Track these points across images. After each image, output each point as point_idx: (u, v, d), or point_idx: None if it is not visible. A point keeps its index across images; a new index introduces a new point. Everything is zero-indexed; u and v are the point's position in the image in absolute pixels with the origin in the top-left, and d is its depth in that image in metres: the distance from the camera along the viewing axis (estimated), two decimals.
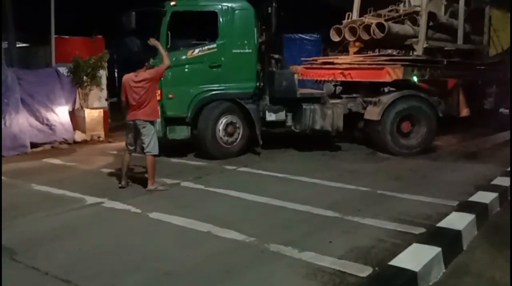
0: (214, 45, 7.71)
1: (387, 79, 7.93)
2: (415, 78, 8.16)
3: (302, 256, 3.76)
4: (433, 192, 5.60)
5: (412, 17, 8.52)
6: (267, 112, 7.98)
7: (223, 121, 7.75)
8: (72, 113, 10.01)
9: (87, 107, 10.10)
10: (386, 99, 8.01)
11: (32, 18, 10.60)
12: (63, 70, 9.99)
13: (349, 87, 8.71)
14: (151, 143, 5.87)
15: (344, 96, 8.54)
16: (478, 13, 9.14)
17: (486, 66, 9.77)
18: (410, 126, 8.12)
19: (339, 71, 8.43)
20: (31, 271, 3.59)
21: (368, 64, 8.23)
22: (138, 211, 5.05)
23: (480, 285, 3.40)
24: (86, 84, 10.04)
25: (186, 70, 7.72)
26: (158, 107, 6.40)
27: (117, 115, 12.31)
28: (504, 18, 9.78)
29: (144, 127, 5.87)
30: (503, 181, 5.74)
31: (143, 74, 5.98)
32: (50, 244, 4.12)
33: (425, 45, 8.29)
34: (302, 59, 9.68)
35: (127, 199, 5.46)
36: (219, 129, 7.73)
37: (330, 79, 8.59)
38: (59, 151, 8.91)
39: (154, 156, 5.92)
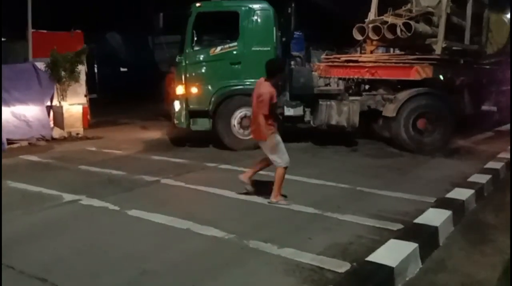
0: (235, 44, 8.27)
1: (417, 77, 8.03)
2: (441, 77, 8.25)
3: (282, 253, 3.78)
4: (412, 188, 5.68)
5: (427, 17, 8.60)
6: (285, 108, 8.36)
7: (238, 114, 8.26)
8: (50, 110, 9.82)
9: (66, 104, 9.92)
10: (402, 96, 8.18)
11: (8, 12, 10.36)
12: (40, 65, 9.80)
13: (366, 85, 8.91)
14: (277, 157, 5.14)
15: (364, 93, 8.74)
16: (477, 15, 9.33)
17: (488, 65, 10.01)
18: (426, 124, 8.22)
19: (366, 69, 8.49)
20: (6, 270, 3.50)
21: (395, 62, 8.32)
22: (117, 208, 4.99)
23: (455, 280, 3.46)
24: (64, 79, 9.87)
25: (208, 66, 8.33)
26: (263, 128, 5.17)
27: (97, 111, 12.22)
28: (498, 21, 10.07)
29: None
30: (480, 178, 5.86)
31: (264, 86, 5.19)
32: (26, 242, 4.04)
33: (444, 45, 8.40)
34: (322, 57, 9.74)
35: (105, 196, 5.39)
36: (235, 122, 8.28)
37: (355, 77, 8.72)
38: (36, 148, 8.75)
39: (285, 168, 5.16)
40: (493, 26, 9.83)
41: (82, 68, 10.33)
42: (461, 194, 5.13)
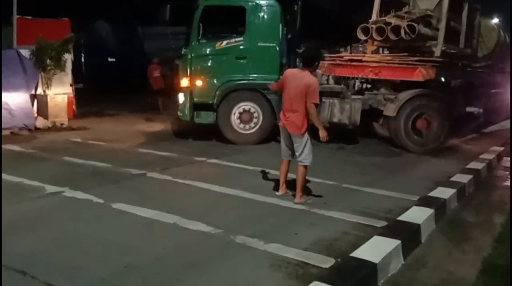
0: (241, 38, 8.34)
1: (420, 79, 8.11)
2: (442, 79, 8.37)
3: (268, 248, 3.80)
4: (396, 187, 5.77)
5: (426, 20, 8.68)
6: None
7: (238, 109, 8.34)
8: (34, 98, 9.65)
9: (51, 93, 9.75)
10: (402, 96, 8.30)
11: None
12: (25, 52, 9.61)
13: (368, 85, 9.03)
14: (307, 154, 5.11)
15: (366, 92, 8.84)
16: (469, 20, 9.48)
17: (480, 69, 10.18)
18: (425, 124, 8.35)
19: (369, 69, 8.56)
20: None
21: (398, 63, 8.41)
22: (101, 201, 4.92)
23: (436, 277, 3.54)
24: (49, 68, 9.69)
25: (214, 60, 8.41)
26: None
27: (83, 102, 12.05)
28: (487, 25, 10.27)
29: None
30: (462, 178, 5.99)
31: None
32: (6, 235, 3.92)
33: (443, 47, 8.51)
34: (325, 55, 9.79)
35: (89, 188, 5.32)
36: (234, 116, 8.37)
37: (359, 76, 8.83)
38: (19, 137, 8.59)
39: (306, 166, 5.13)
40: (483, 30, 10.01)
41: (68, 57, 10.15)
42: (444, 193, 5.23)
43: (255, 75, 8.39)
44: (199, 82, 8.30)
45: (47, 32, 9.85)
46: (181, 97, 8.45)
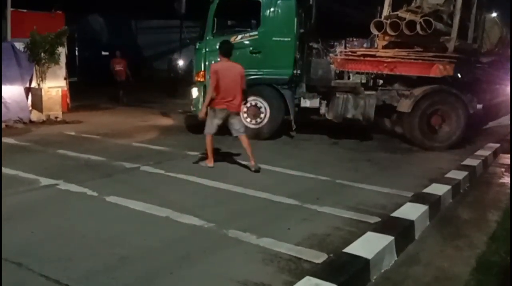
0: (256, 33, 8.32)
1: (437, 75, 8.05)
2: (459, 75, 8.28)
3: (260, 242, 3.79)
4: (390, 183, 5.76)
5: (438, 15, 8.61)
6: (302, 99, 8.50)
7: (246, 103, 8.06)
8: (28, 92, 9.58)
9: (45, 86, 9.69)
10: (417, 92, 8.21)
11: None
12: (19, 45, 9.53)
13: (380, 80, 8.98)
14: (243, 125, 6.44)
15: (379, 88, 8.77)
16: (476, 15, 9.41)
17: (486, 64, 10.15)
18: (440, 121, 8.29)
19: (384, 64, 8.46)
20: None
21: (414, 59, 8.30)
22: (95, 194, 4.91)
23: (429, 273, 3.53)
24: (44, 61, 9.63)
25: None
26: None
27: (77, 95, 11.98)
28: (490, 20, 10.23)
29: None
30: (457, 174, 5.97)
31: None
32: (2, 226, 3.93)
33: (456, 43, 8.45)
34: (338, 50, 9.75)
35: (83, 181, 5.31)
36: (242, 111, 8.05)
37: (374, 71, 8.74)
38: (13, 130, 8.55)
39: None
40: (486, 25, 9.97)
41: (62, 50, 10.09)
42: (438, 189, 5.22)
43: (270, 70, 8.34)
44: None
45: (41, 25, 9.76)
46: (194, 92, 8.40)
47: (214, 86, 5.99)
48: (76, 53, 14.36)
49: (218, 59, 8.26)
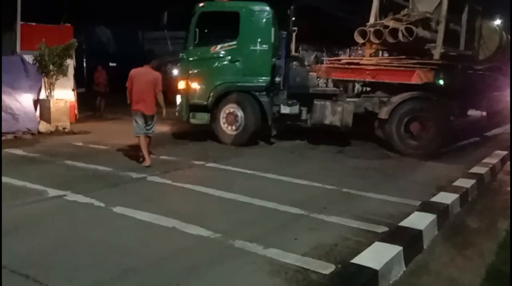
0: (234, 42, 8.62)
1: (418, 81, 8.13)
2: (441, 82, 8.34)
3: (267, 253, 3.77)
4: (397, 191, 5.72)
5: (426, 22, 8.68)
6: (282, 106, 8.72)
7: (225, 110, 8.63)
8: (37, 103, 9.69)
9: (53, 97, 9.80)
10: (395, 99, 8.32)
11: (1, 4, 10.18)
12: (28, 58, 9.66)
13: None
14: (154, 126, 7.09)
15: (362, 95, 8.94)
16: (470, 22, 9.46)
17: (480, 71, 10.14)
18: (419, 128, 8.30)
19: (367, 72, 8.60)
20: None
21: (396, 66, 8.41)
22: (102, 204, 4.93)
23: (438, 284, 3.49)
24: (52, 73, 9.74)
25: (208, 63, 8.75)
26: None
27: (85, 106, 12.08)
28: (489, 27, 10.24)
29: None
30: (465, 183, 5.93)
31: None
32: (9, 237, 3.94)
33: (442, 50, 8.49)
34: (324, 59, 9.89)
35: (90, 192, 5.32)
36: (222, 118, 8.68)
37: (356, 79, 8.93)
38: (22, 141, 8.62)
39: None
40: (485, 32, 9.98)
41: (70, 62, 10.22)
42: (446, 198, 5.18)
43: (248, 78, 8.62)
44: (195, 85, 8.66)
45: (50, 38, 9.91)
46: (178, 99, 8.77)
47: (129, 90, 6.75)
48: (84, 64, 14.52)
49: (198, 68, 8.77)
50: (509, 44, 10.61)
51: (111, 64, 18.52)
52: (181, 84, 8.75)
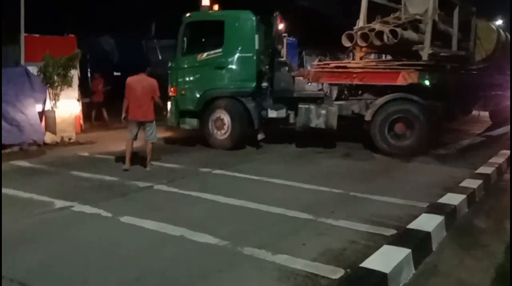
0: (220, 50, 8.90)
1: (403, 83, 8.23)
2: (427, 83, 8.38)
3: (275, 259, 3.77)
4: (404, 193, 5.71)
5: (415, 24, 8.75)
6: (269, 110, 8.93)
7: (213, 116, 8.91)
8: (42, 114, 9.74)
9: (58, 108, 9.85)
10: (378, 101, 8.43)
11: (1, 15, 10.28)
12: (33, 69, 9.71)
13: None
14: (156, 133, 7.32)
15: (350, 98, 9.08)
16: (465, 23, 9.50)
17: (476, 71, 10.13)
18: (404, 128, 8.36)
19: (354, 75, 8.71)
20: None
21: (382, 68, 8.52)
22: (109, 215, 4.94)
23: (448, 285, 3.48)
24: (57, 84, 9.79)
25: (196, 71, 9.09)
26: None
27: (90, 116, 12.13)
28: (485, 27, 10.24)
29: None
30: (471, 183, 5.91)
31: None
32: (16, 250, 3.97)
33: (430, 51, 8.54)
34: (313, 63, 10.00)
35: (97, 202, 5.34)
36: (210, 123, 8.94)
37: (344, 83, 9.03)
38: (28, 153, 8.64)
39: (153, 143, 7.24)
40: (481, 32, 9.99)
41: (74, 73, 10.26)
42: (453, 199, 5.17)
43: (234, 84, 8.90)
44: (183, 92, 9.03)
45: (54, 49, 9.95)
46: (169, 105, 9.07)
47: (126, 97, 6.94)
48: (89, 74, 14.59)
49: (187, 76, 9.08)
50: (508, 42, 10.60)
51: (115, 73, 18.63)
52: (171, 92, 9.11)
